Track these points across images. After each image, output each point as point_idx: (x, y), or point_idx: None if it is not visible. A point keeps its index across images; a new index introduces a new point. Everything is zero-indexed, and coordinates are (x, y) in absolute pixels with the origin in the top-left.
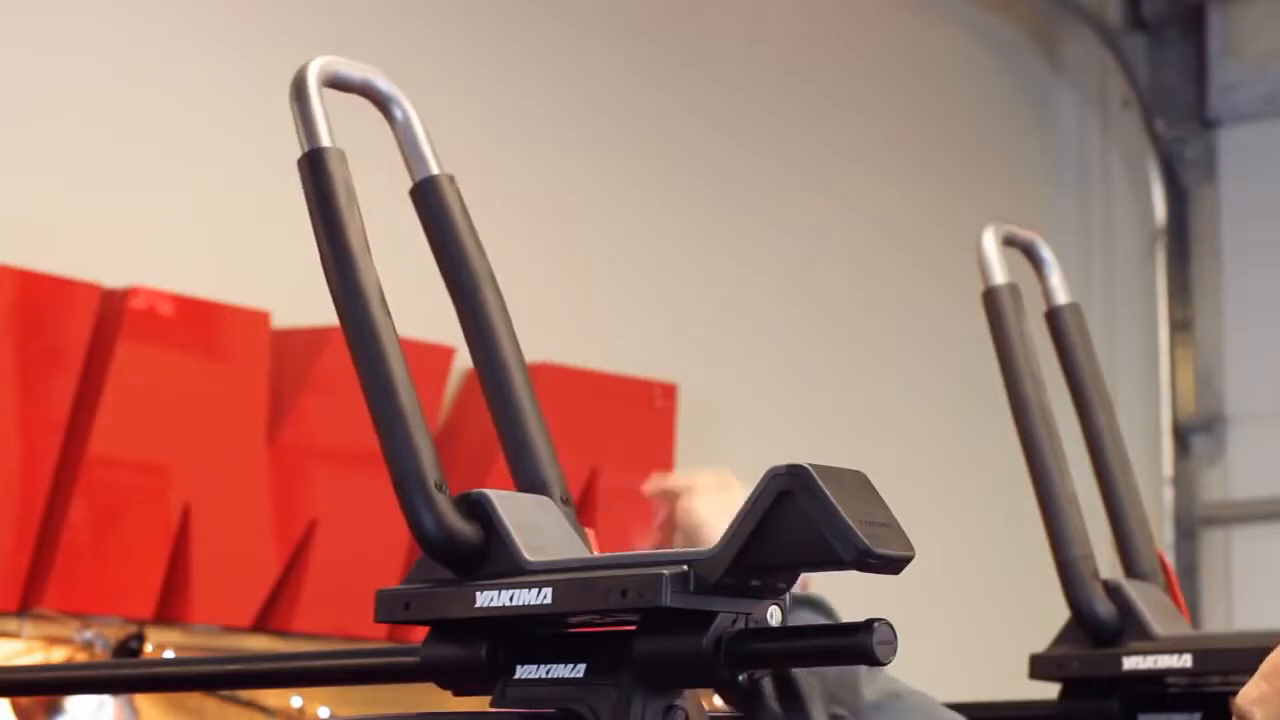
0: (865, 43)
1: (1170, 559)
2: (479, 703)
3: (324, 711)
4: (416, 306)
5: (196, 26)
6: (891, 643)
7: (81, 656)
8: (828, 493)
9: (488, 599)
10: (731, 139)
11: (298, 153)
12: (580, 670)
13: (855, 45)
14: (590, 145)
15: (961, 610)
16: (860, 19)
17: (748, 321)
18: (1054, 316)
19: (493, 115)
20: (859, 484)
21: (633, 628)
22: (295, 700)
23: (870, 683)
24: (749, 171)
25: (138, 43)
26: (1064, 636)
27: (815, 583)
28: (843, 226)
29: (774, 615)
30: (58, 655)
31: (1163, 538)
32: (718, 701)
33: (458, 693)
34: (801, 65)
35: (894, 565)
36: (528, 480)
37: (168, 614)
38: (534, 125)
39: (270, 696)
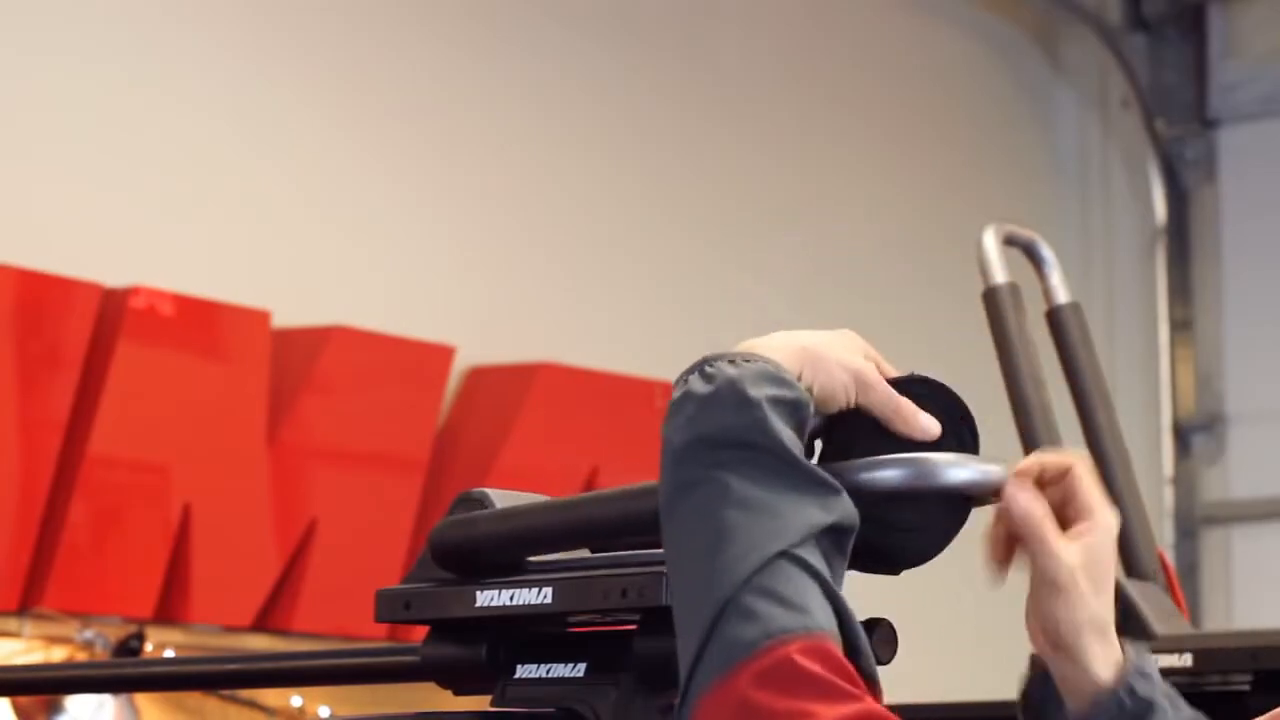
0: (865, 43)
1: (1170, 558)
2: (479, 702)
3: (324, 711)
4: (419, 307)
5: (199, 27)
6: (892, 643)
7: (82, 656)
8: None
9: (488, 598)
10: (732, 140)
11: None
12: (580, 670)
13: (855, 45)
14: (592, 146)
15: (961, 609)
16: (860, 19)
17: (748, 322)
18: (1054, 316)
19: (495, 115)
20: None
21: (633, 627)
22: (295, 699)
23: None
24: (750, 173)
25: (139, 43)
26: None
27: None
28: (843, 226)
29: None
30: (58, 654)
31: (1163, 537)
32: None
33: (458, 692)
34: (802, 67)
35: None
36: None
37: (168, 613)
38: (536, 126)
39: (270, 696)
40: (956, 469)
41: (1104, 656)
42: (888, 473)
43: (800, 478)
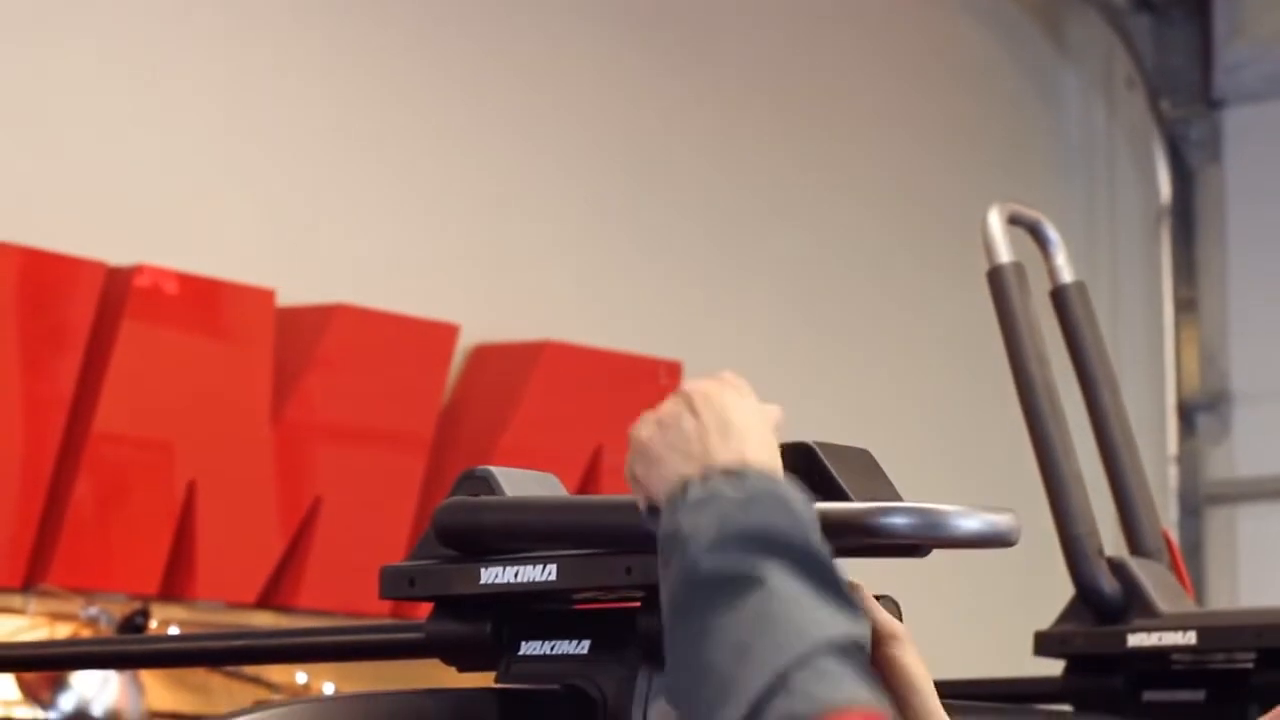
0: (869, 24)
1: (1175, 537)
2: (484, 679)
3: (328, 687)
4: (423, 285)
5: (202, 6)
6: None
7: (86, 632)
8: (832, 470)
9: (492, 575)
10: (736, 121)
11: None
12: (585, 647)
13: (859, 27)
14: (597, 126)
15: (966, 587)
16: (864, 1)
17: (752, 300)
18: (1059, 295)
19: (497, 94)
20: (864, 462)
21: (637, 605)
22: (300, 676)
23: None
24: (754, 154)
25: (143, 21)
26: (1068, 614)
27: None
28: (847, 206)
29: None
30: (62, 631)
31: (1167, 516)
32: None
33: (462, 669)
34: (805, 49)
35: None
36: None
37: (172, 590)
38: (539, 105)
39: (275, 672)
40: (966, 520)
41: None
42: (898, 520)
43: (840, 591)
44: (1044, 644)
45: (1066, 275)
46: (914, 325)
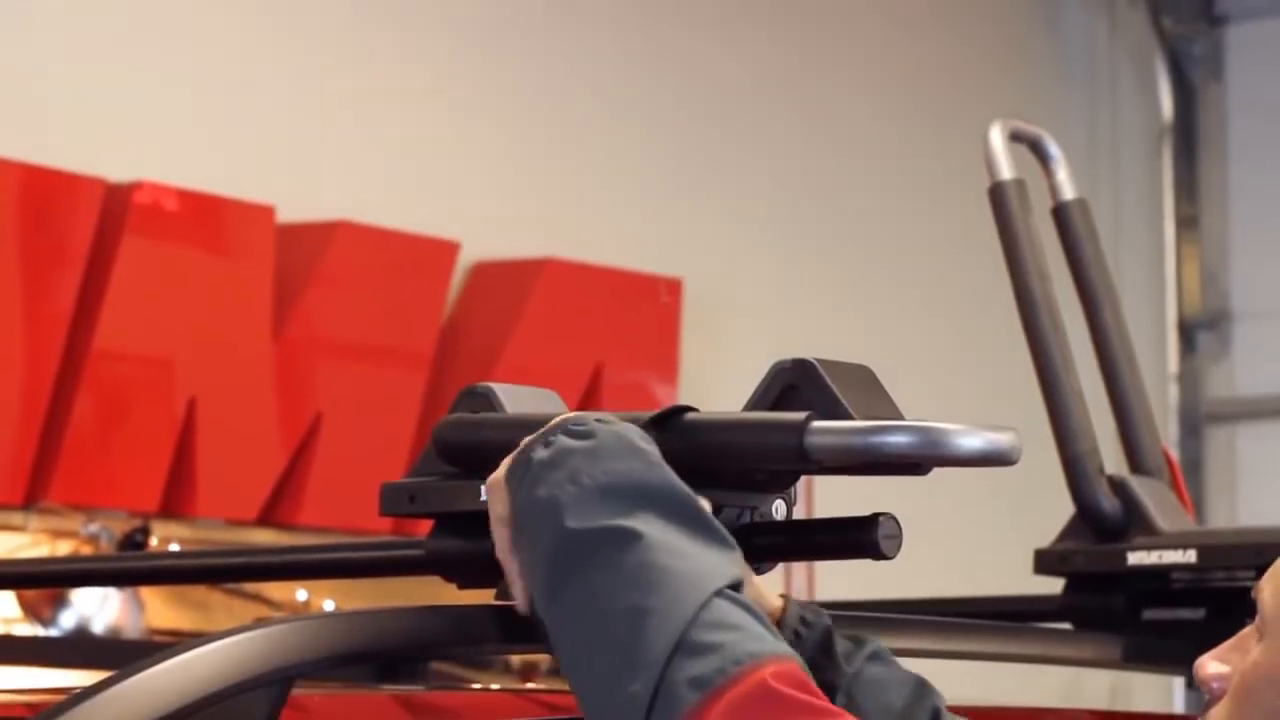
0: None
1: (1175, 455)
2: (484, 596)
3: (329, 604)
4: (424, 202)
5: None
6: (896, 537)
7: (86, 550)
8: (833, 387)
9: None
10: (740, 33)
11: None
12: None
13: None
14: (599, 40)
15: (965, 505)
16: None
17: (754, 217)
18: (1060, 212)
19: (500, 7)
20: (864, 378)
21: None
22: (300, 593)
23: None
24: (758, 68)
25: None
26: (1068, 532)
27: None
28: (851, 122)
29: (779, 509)
30: (63, 548)
31: (1167, 434)
32: None
33: (463, 586)
34: None
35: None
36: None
37: (173, 507)
38: (542, 19)
39: (275, 589)
40: (967, 439)
41: None
42: (898, 439)
43: (709, 526)
44: (1043, 562)
45: (1068, 192)
46: (916, 241)
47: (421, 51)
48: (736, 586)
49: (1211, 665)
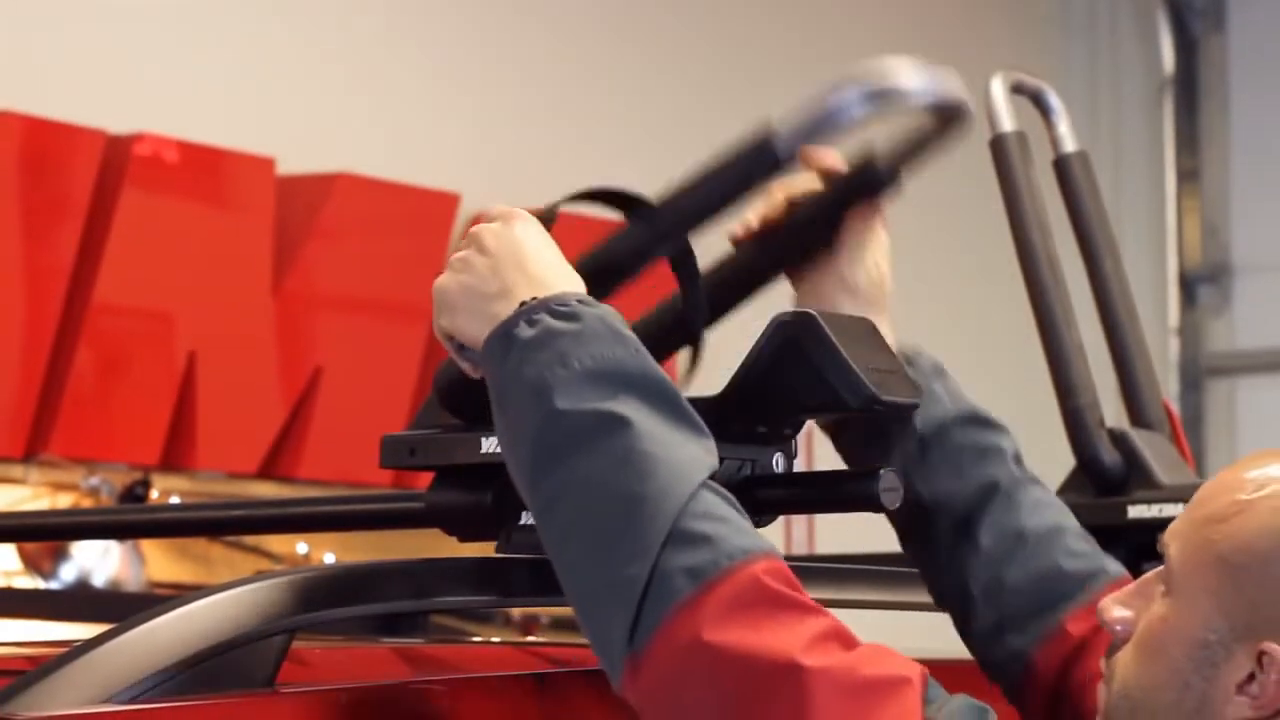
0: None
1: (1176, 409)
2: (484, 548)
3: (329, 557)
4: (424, 154)
5: None
6: (896, 489)
7: (87, 502)
8: (834, 339)
9: (494, 445)
10: None
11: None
12: None
13: None
14: None
15: None
16: None
17: None
18: (1061, 164)
19: None
20: (865, 331)
21: None
22: (300, 546)
23: None
24: (749, 21)
25: None
26: (1069, 485)
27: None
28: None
29: (779, 462)
30: (64, 501)
31: (1168, 388)
32: None
33: (463, 539)
34: None
35: (900, 411)
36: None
37: (174, 460)
38: None
39: (275, 542)
40: (915, 74)
41: None
42: (851, 92)
43: (687, 414)
44: None
45: (1069, 145)
46: (916, 191)
47: (422, 4)
48: (714, 476)
49: (1116, 609)
